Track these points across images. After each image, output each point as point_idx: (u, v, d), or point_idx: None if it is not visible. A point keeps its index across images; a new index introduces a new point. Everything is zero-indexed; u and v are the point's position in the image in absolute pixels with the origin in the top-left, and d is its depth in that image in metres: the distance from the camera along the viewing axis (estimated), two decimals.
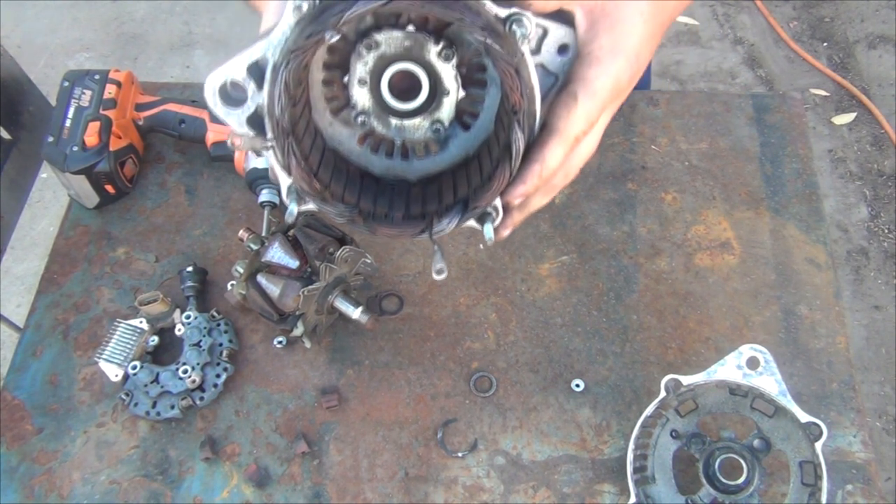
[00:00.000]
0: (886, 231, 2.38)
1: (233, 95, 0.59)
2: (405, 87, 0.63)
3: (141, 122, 1.13)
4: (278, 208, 1.06)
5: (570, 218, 1.11)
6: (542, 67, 0.61)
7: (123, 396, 0.95)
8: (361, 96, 0.63)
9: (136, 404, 0.95)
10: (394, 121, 0.65)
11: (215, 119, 1.11)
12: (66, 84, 1.12)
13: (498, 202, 0.64)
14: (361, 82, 0.63)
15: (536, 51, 0.61)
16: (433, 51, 0.62)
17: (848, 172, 2.50)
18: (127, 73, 1.14)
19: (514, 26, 0.56)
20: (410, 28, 0.62)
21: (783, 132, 1.18)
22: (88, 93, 1.10)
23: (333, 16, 0.54)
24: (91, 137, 1.06)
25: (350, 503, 0.91)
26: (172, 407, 0.95)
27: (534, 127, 0.61)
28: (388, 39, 0.62)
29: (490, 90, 0.65)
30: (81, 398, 0.99)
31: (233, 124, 0.59)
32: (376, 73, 0.63)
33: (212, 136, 1.11)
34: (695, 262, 1.07)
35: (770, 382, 0.88)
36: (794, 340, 1.01)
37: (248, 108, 0.58)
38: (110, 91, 1.10)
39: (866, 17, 2.80)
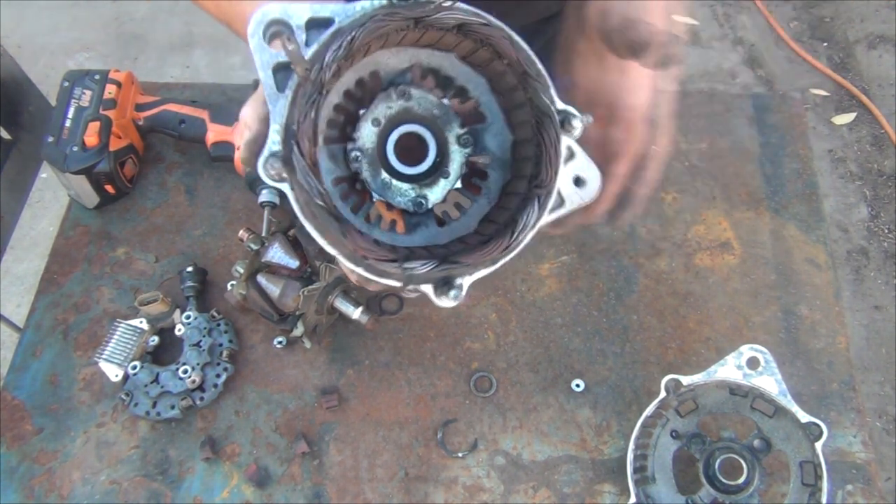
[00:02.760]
0: (886, 231, 2.38)
1: (270, 35, 0.57)
2: (409, 150, 0.62)
3: (141, 122, 1.13)
4: (278, 208, 1.06)
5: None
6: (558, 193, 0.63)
7: (123, 396, 0.95)
8: (367, 135, 0.62)
9: (136, 404, 0.95)
10: (383, 175, 0.63)
11: (215, 119, 1.11)
12: (66, 84, 1.12)
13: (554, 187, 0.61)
14: (375, 122, 0.62)
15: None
16: (455, 131, 0.63)
17: (848, 172, 2.49)
18: (127, 74, 1.14)
19: (570, 121, 0.60)
20: (445, 101, 0.62)
21: (783, 132, 1.18)
22: (88, 93, 1.10)
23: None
24: (91, 137, 1.06)
25: (350, 503, 0.91)
26: (172, 407, 0.95)
27: (547, 204, 0.61)
28: (421, 98, 0.62)
29: (480, 202, 0.65)
30: (81, 398, 0.99)
31: (259, 61, 0.56)
32: (392, 123, 0.62)
33: (212, 136, 1.11)
34: (695, 262, 1.07)
35: (770, 382, 0.88)
36: (794, 340, 1.01)
37: (284, 53, 0.55)
38: (110, 91, 1.10)
39: (866, 17, 2.80)
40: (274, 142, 0.57)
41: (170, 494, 0.92)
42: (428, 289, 0.62)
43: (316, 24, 0.57)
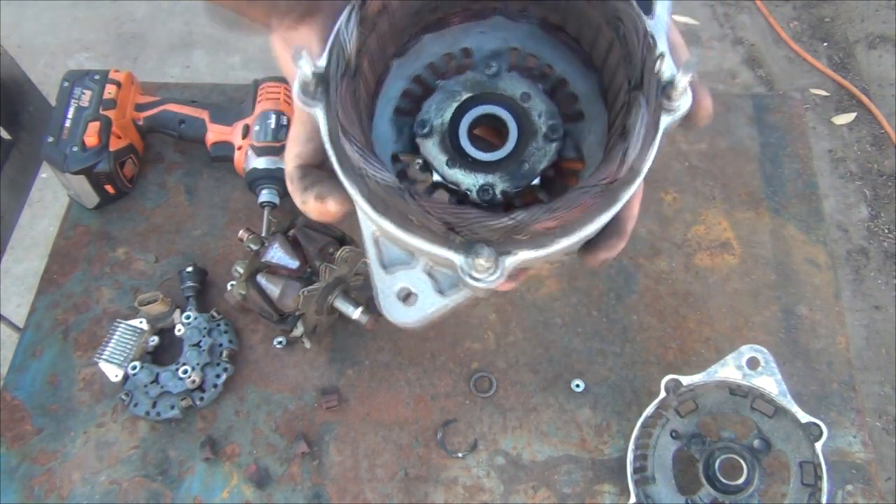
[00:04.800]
0: (886, 231, 2.37)
1: None
2: (483, 135, 0.57)
3: (141, 122, 1.13)
4: (278, 208, 1.06)
5: None
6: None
7: (123, 397, 0.95)
8: (437, 110, 0.57)
9: (136, 405, 0.95)
10: (447, 158, 0.57)
11: (214, 119, 1.11)
12: (66, 84, 1.12)
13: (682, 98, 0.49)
14: (450, 96, 0.56)
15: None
16: (543, 121, 0.56)
17: (848, 172, 2.49)
18: (127, 74, 1.14)
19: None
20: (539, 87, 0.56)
21: (783, 132, 1.18)
22: (88, 93, 1.10)
23: None
24: (91, 138, 1.06)
25: (350, 503, 0.91)
26: (172, 407, 0.95)
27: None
28: (508, 81, 0.56)
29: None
30: (81, 398, 0.99)
31: None
32: (469, 102, 0.56)
33: (212, 136, 1.11)
34: (695, 262, 1.07)
35: (770, 382, 0.88)
36: (794, 340, 1.01)
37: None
38: (110, 91, 1.10)
39: (866, 17, 2.80)
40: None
41: (170, 495, 0.92)
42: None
43: None
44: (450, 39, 0.59)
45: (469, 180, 0.56)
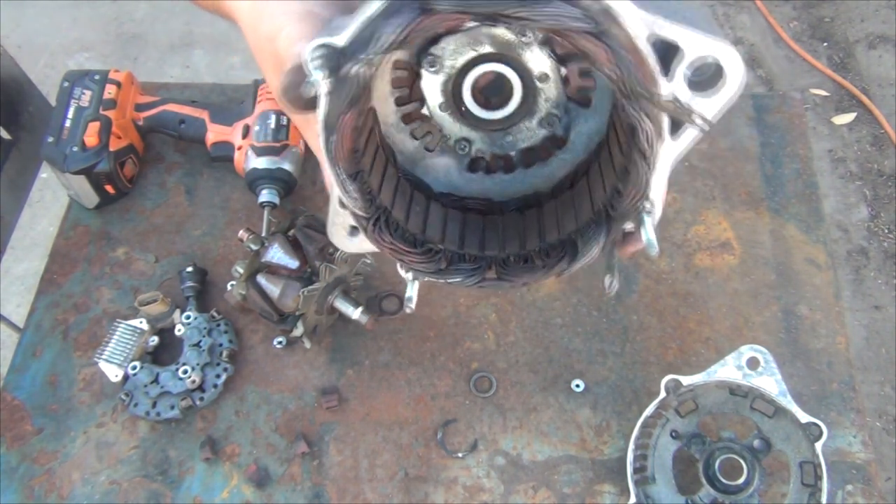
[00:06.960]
0: (886, 231, 2.37)
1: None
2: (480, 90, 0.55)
3: (141, 123, 1.13)
4: (278, 208, 1.06)
5: None
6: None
7: (123, 397, 0.95)
8: (451, 53, 0.53)
9: (136, 405, 0.95)
10: (440, 102, 0.55)
11: (215, 119, 1.11)
12: (66, 84, 1.12)
13: (655, 193, 0.49)
14: (468, 45, 0.53)
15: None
16: (547, 102, 0.55)
17: (848, 172, 2.49)
18: (127, 74, 1.14)
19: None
20: (562, 70, 0.53)
21: (783, 132, 1.18)
22: (88, 93, 1.10)
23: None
24: (91, 138, 1.06)
25: (350, 503, 0.91)
26: (172, 407, 0.95)
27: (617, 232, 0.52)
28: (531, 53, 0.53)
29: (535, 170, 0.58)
30: (81, 398, 0.99)
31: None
32: (481, 59, 0.53)
33: (212, 136, 1.11)
34: (695, 263, 1.07)
35: (770, 382, 0.88)
36: (794, 340, 1.01)
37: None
38: (110, 91, 1.10)
39: (866, 17, 2.80)
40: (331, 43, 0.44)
41: (170, 495, 0.92)
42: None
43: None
44: None
45: (453, 129, 0.57)
